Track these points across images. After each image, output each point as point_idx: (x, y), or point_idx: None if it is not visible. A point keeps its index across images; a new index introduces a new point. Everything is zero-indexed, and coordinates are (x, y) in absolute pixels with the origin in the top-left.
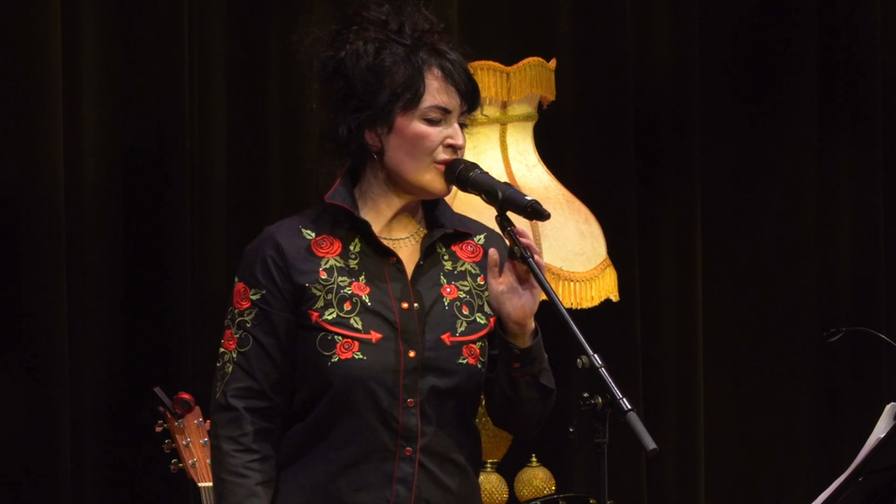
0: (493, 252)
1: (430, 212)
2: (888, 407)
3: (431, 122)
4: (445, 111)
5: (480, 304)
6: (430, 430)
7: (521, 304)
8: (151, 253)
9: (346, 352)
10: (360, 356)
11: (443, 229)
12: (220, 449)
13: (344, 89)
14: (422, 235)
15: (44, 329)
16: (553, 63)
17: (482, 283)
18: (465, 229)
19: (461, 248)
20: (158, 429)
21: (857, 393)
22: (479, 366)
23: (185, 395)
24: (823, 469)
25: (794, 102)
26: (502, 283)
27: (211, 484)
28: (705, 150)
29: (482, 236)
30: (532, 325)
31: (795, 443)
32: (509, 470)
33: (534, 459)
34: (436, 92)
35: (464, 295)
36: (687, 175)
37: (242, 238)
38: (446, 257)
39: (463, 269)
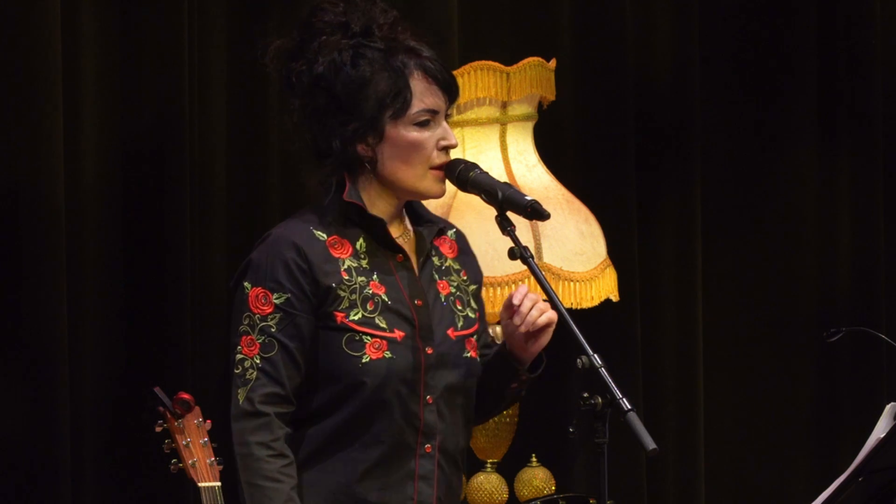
0: (513, 295)
1: (409, 208)
2: (888, 407)
3: (422, 126)
4: (434, 112)
5: (467, 299)
6: (444, 428)
7: (537, 345)
8: (151, 253)
9: (377, 352)
10: (390, 355)
11: (434, 225)
12: (252, 455)
13: (328, 104)
14: (412, 233)
15: (44, 329)
16: (553, 63)
17: (465, 277)
18: (442, 225)
19: (441, 243)
20: (158, 429)
21: (857, 393)
22: (479, 358)
23: (185, 395)
24: (823, 469)
25: (794, 102)
26: (517, 323)
27: (211, 484)
28: (705, 151)
29: (452, 231)
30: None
31: (795, 443)
32: (509, 470)
33: (534, 459)
34: (422, 95)
35: (454, 290)
36: (687, 175)
37: (242, 238)
38: (433, 253)
39: (447, 265)
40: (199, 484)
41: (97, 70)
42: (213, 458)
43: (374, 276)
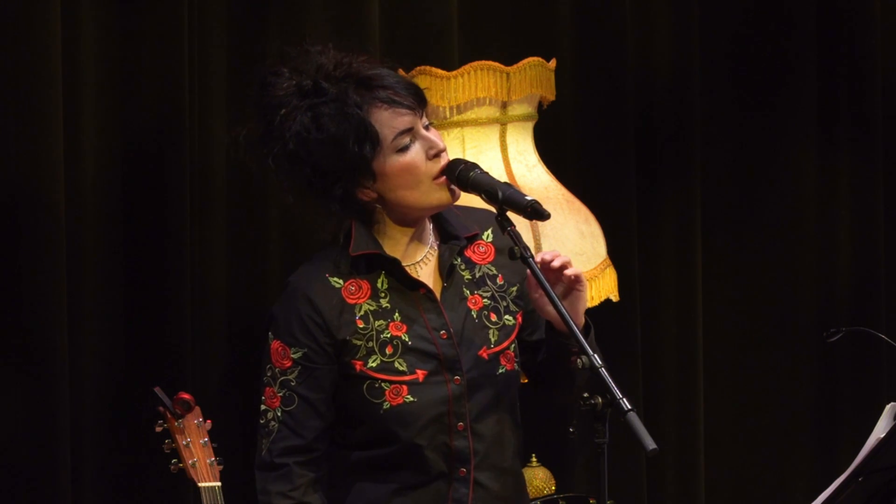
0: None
1: (437, 220)
2: (888, 407)
3: (405, 149)
4: (408, 130)
5: (505, 304)
6: (483, 448)
7: (573, 311)
8: (151, 253)
9: (396, 397)
10: (411, 398)
11: (457, 243)
12: None
13: (312, 173)
14: (436, 249)
15: (44, 329)
16: (553, 63)
17: (501, 282)
18: (473, 231)
19: (474, 252)
20: (158, 429)
21: (857, 393)
22: (516, 367)
23: (185, 395)
24: (823, 469)
25: (794, 102)
26: (541, 294)
27: (211, 484)
28: (705, 150)
29: (489, 231)
30: (582, 321)
31: (795, 443)
32: None
33: (534, 459)
34: (389, 121)
35: (488, 301)
36: (687, 175)
37: (242, 238)
38: (463, 267)
39: (480, 274)
40: (199, 484)
41: (97, 70)
42: (213, 458)
43: (396, 316)
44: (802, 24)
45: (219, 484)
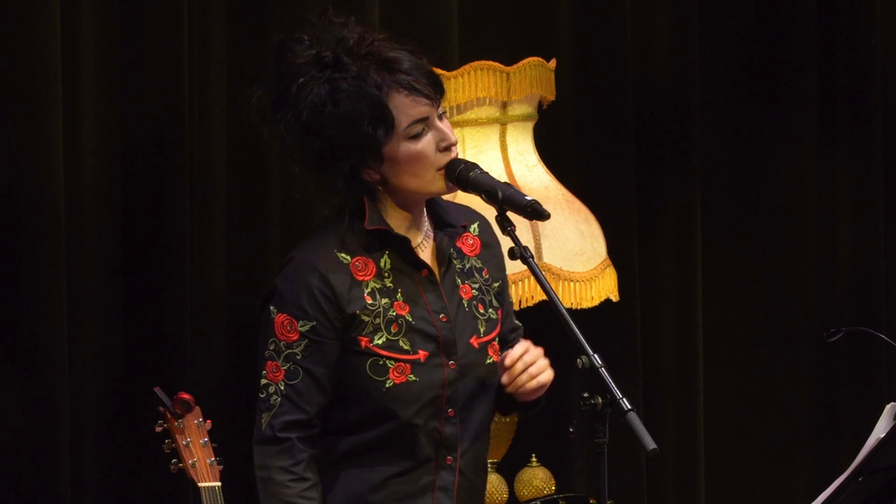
0: (507, 357)
1: (431, 208)
2: (888, 407)
3: (417, 136)
4: (423, 119)
5: (489, 298)
6: (468, 437)
7: (534, 395)
8: (151, 253)
9: (400, 376)
10: (414, 378)
11: (453, 230)
12: (272, 480)
13: (321, 146)
14: (432, 235)
15: (44, 329)
16: (553, 63)
17: (487, 276)
18: (464, 223)
19: (463, 243)
20: (158, 429)
21: (857, 393)
22: (499, 359)
23: (185, 395)
24: (823, 469)
25: (794, 102)
26: (506, 382)
27: (211, 484)
28: (705, 151)
29: (475, 225)
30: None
31: (795, 442)
32: (509, 470)
33: (534, 459)
34: (406, 108)
35: (476, 293)
36: (687, 175)
37: (242, 238)
38: (455, 256)
39: (469, 265)
40: (199, 484)
41: (97, 70)
42: (213, 458)
43: (399, 296)
44: (802, 25)
45: (219, 484)
